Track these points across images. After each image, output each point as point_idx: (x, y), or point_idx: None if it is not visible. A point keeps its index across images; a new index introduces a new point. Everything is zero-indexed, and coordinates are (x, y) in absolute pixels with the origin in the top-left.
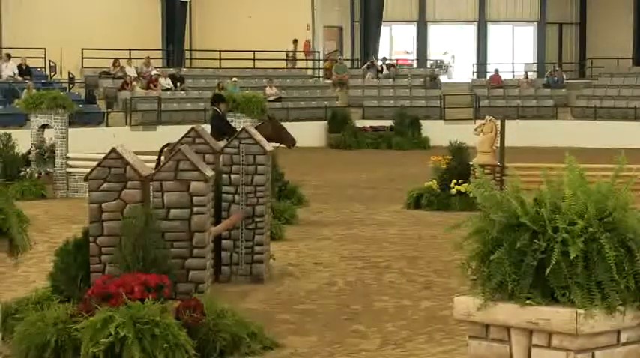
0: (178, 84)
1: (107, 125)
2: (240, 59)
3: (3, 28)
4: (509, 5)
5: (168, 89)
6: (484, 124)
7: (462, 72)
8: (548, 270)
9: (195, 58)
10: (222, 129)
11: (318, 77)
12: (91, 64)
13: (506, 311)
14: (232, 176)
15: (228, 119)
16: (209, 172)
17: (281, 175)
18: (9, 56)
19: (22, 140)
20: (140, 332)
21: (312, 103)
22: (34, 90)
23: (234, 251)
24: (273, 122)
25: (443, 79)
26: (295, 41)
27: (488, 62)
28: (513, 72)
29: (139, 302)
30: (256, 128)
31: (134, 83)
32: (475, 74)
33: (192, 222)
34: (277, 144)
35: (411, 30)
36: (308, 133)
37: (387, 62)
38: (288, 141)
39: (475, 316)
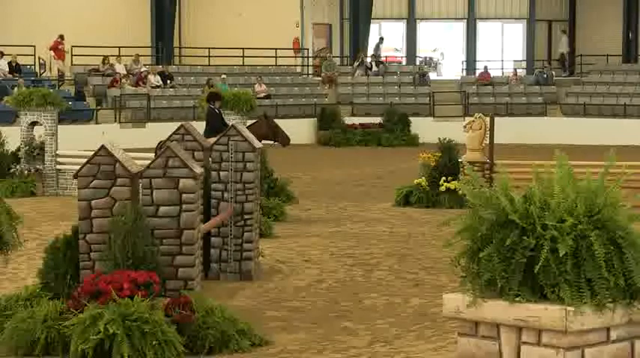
0: (168, 81)
1: (96, 122)
2: (230, 56)
3: None
4: (498, 2)
5: (157, 86)
6: (473, 121)
7: (451, 69)
8: (537, 267)
9: (185, 56)
10: (216, 126)
11: (307, 74)
12: (81, 61)
13: (495, 309)
14: (221, 173)
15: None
16: (198, 169)
17: (270, 172)
18: (2, 53)
19: (12, 137)
20: (129, 329)
21: (302, 100)
22: (24, 88)
23: (223, 248)
24: (267, 120)
25: (432, 76)
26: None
27: (477, 59)
28: (502, 69)
29: (128, 299)
30: (251, 126)
31: (123, 80)
32: (464, 71)
33: (182, 220)
34: (271, 143)
35: (401, 27)
36: (297, 130)
37: (377, 59)
38: (283, 139)
39: (464, 313)
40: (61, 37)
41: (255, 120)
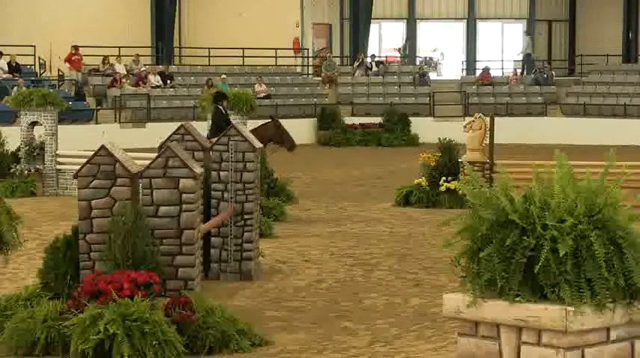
0: (168, 81)
1: (96, 122)
2: (230, 56)
3: None
4: (498, 2)
5: (157, 86)
6: (473, 121)
7: (451, 69)
8: (537, 267)
9: (185, 56)
10: (220, 126)
11: (307, 74)
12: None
13: (495, 309)
14: (221, 173)
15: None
16: (198, 169)
17: (270, 172)
18: (1, 53)
19: (12, 137)
20: (129, 329)
21: (302, 100)
22: (24, 88)
23: (223, 248)
24: (275, 123)
25: (432, 76)
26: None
27: (477, 59)
28: (502, 69)
29: (128, 299)
30: (258, 128)
31: (123, 80)
32: (464, 71)
33: (182, 220)
34: (277, 146)
35: (401, 27)
36: (297, 130)
37: (377, 59)
38: (289, 143)
39: (464, 313)
40: (75, 47)
41: (264, 122)
